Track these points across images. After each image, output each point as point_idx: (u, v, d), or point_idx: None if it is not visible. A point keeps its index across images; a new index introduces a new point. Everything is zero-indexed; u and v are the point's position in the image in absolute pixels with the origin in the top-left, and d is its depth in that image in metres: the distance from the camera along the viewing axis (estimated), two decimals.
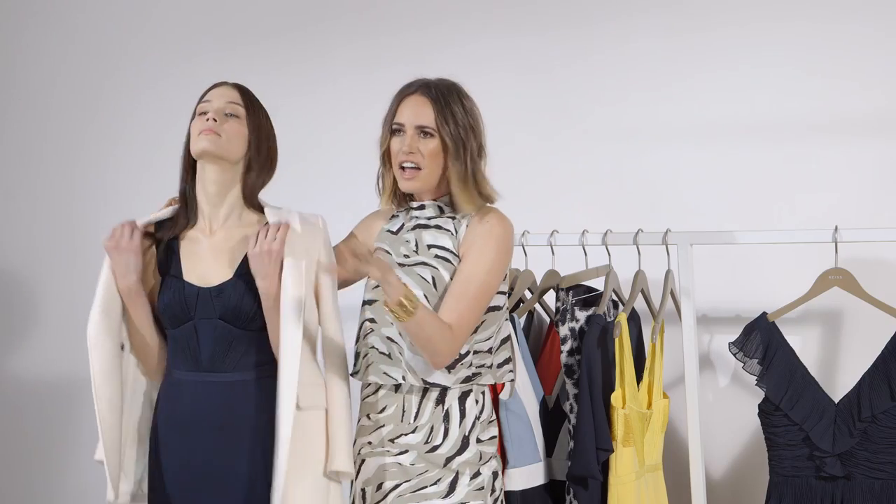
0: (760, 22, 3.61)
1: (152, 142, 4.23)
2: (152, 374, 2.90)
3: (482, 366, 2.80)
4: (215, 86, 2.86)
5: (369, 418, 2.84)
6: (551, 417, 3.14)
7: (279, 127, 4.11)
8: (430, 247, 2.82)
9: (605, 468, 3.04)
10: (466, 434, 2.79)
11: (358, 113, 3.96)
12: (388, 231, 2.89)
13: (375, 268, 2.59)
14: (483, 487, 2.78)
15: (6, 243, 4.46)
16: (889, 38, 3.50)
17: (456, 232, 2.82)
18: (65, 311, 4.32)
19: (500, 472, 2.86)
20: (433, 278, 2.78)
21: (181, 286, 2.81)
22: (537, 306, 3.40)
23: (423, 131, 2.79)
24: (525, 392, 3.05)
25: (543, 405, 3.12)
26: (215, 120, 2.77)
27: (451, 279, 2.77)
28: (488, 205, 2.88)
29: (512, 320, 3.08)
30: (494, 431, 2.86)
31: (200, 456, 2.78)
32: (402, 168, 2.81)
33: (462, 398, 2.79)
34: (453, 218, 2.84)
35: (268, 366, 2.81)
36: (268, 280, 2.74)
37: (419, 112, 2.79)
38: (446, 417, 2.78)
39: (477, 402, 2.81)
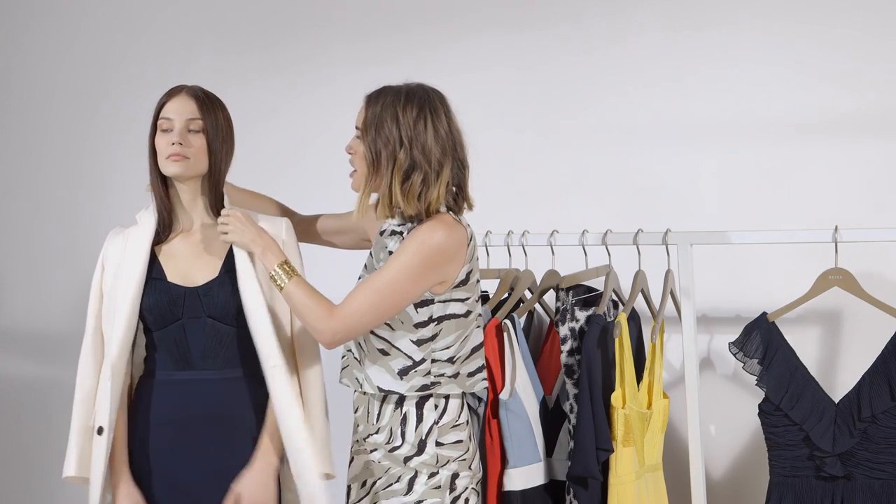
0: (761, 22, 3.61)
1: None
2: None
3: (442, 375, 2.77)
4: (172, 95, 2.85)
5: (353, 418, 2.88)
6: (551, 417, 3.14)
7: (278, 127, 4.14)
8: (390, 253, 2.80)
9: (605, 468, 3.04)
10: (423, 438, 2.77)
11: (355, 112, 3.97)
12: (378, 232, 2.90)
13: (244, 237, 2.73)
14: (440, 486, 2.77)
15: (6, 243, 4.46)
16: (888, 39, 3.50)
17: (403, 237, 2.79)
18: (65, 311, 4.32)
19: (462, 474, 2.80)
20: None
21: (166, 287, 2.82)
22: (537, 306, 3.40)
23: (357, 133, 2.79)
24: (525, 392, 3.05)
25: (543, 405, 3.12)
26: (181, 144, 2.79)
27: None
28: (442, 212, 2.77)
29: (512, 320, 3.08)
30: (460, 436, 2.81)
31: (193, 454, 2.79)
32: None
33: (420, 403, 2.78)
34: (403, 223, 2.80)
35: (256, 361, 2.84)
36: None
37: (358, 114, 2.80)
38: (403, 421, 2.78)
39: (436, 406, 2.78)
